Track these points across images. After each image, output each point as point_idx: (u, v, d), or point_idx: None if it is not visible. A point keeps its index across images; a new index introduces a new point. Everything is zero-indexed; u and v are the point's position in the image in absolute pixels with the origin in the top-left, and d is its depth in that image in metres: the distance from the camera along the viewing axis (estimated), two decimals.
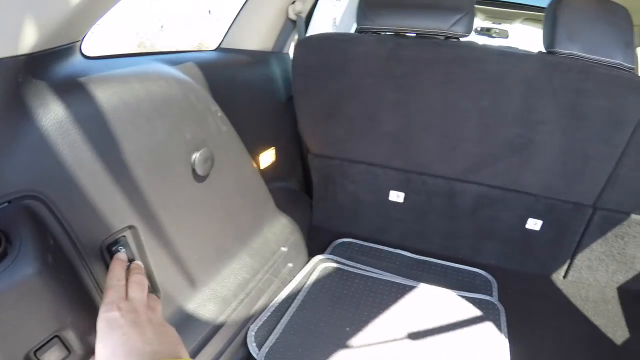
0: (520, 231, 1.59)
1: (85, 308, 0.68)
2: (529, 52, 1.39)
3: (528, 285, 1.59)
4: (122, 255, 0.78)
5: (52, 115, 0.67)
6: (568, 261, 1.63)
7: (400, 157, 1.54)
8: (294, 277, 1.39)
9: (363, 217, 1.72)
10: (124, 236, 0.81)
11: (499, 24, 5.67)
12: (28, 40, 0.61)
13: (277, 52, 1.63)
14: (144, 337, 0.62)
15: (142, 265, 0.80)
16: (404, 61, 1.33)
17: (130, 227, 0.82)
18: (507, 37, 5.76)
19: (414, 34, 1.36)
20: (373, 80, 1.38)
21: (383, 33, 1.38)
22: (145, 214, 0.85)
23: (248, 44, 1.53)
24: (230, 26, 1.53)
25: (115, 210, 0.78)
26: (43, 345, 0.60)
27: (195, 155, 0.97)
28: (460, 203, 1.58)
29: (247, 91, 1.41)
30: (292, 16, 1.59)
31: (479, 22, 5.59)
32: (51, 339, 0.61)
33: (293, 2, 1.57)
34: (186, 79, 1.03)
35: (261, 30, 1.55)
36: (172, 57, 1.18)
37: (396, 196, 1.64)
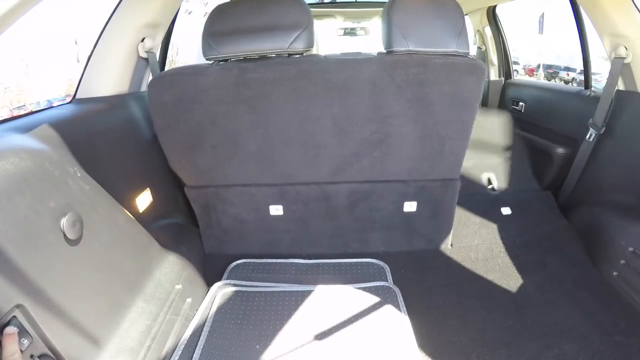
0: (400, 215, 1.75)
1: None
2: (369, 55, 1.55)
3: (419, 262, 1.74)
4: (10, 329, 0.77)
5: None
6: (451, 231, 1.83)
7: (269, 173, 1.63)
8: (196, 310, 1.40)
9: (250, 236, 1.78)
10: (14, 316, 0.80)
11: (359, 22, 6.03)
12: None
13: (134, 93, 1.62)
14: None
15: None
16: (251, 84, 1.41)
17: (19, 305, 0.81)
18: (368, 33, 6.14)
19: (259, 57, 1.44)
20: (227, 107, 1.44)
21: (230, 60, 1.44)
22: (30, 290, 0.84)
23: (103, 90, 1.50)
24: (82, 75, 1.49)
25: (1, 293, 0.78)
26: None
27: (63, 221, 0.96)
28: (337, 203, 1.71)
29: (109, 139, 1.38)
30: (143, 54, 1.58)
31: (340, 23, 5.89)
32: None
33: (142, 40, 1.57)
34: (38, 147, 1.00)
35: (114, 74, 1.53)
36: (26, 121, 1.14)
37: (276, 210, 1.72)
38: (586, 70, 2.19)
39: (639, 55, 1.68)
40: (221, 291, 1.50)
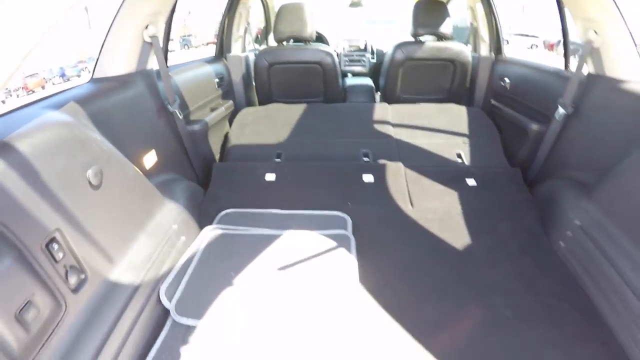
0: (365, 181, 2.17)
1: (38, 290, 1.07)
2: None
3: (378, 217, 2.02)
4: None
5: None
6: (407, 193, 2.14)
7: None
8: (189, 246, 1.78)
9: (242, 193, 2.19)
10: (54, 237, 1.18)
11: None
12: None
13: (141, 71, 1.96)
14: None
15: None
16: None
17: (57, 229, 1.19)
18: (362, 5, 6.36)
19: None
20: None
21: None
22: (65, 218, 1.22)
23: (115, 70, 1.84)
24: (97, 59, 1.83)
25: (46, 220, 1.16)
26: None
27: (89, 172, 1.34)
28: (318, 175, 2.24)
29: (121, 110, 1.74)
30: (147, 39, 1.89)
31: None
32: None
33: (146, 27, 1.88)
34: (68, 120, 1.37)
35: (123, 56, 1.86)
36: (57, 99, 1.51)
37: (270, 177, 2.17)
38: (566, 52, 2.29)
39: (608, 40, 1.78)
40: (211, 233, 1.86)
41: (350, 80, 3.93)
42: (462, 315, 1.49)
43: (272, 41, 4.36)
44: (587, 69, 1.95)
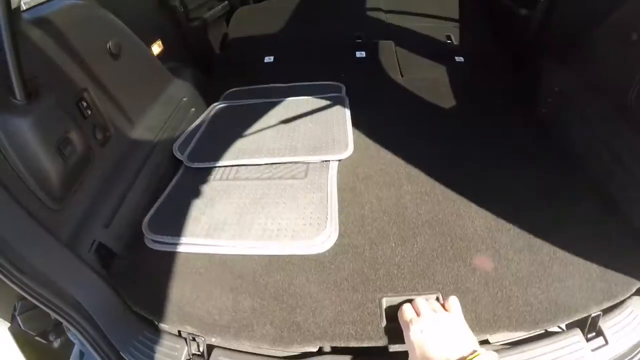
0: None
1: (73, 130, 1.31)
2: None
3: (370, 83, 2.27)
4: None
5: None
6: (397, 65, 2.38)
7: None
8: (199, 116, 2.07)
9: (245, 75, 2.46)
10: (83, 96, 1.44)
11: None
12: None
13: None
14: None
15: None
16: None
17: (85, 89, 1.46)
18: None
19: None
20: None
21: None
22: (90, 79, 1.50)
23: None
24: None
25: (75, 79, 1.43)
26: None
27: (109, 43, 1.63)
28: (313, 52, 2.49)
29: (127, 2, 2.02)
30: None
31: None
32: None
33: None
34: (89, 4, 1.66)
35: None
36: None
37: (268, 59, 2.43)
38: None
39: None
40: (218, 106, 2.11)
41: None
42: (433, 152, 1.71)
43: None
44: None
